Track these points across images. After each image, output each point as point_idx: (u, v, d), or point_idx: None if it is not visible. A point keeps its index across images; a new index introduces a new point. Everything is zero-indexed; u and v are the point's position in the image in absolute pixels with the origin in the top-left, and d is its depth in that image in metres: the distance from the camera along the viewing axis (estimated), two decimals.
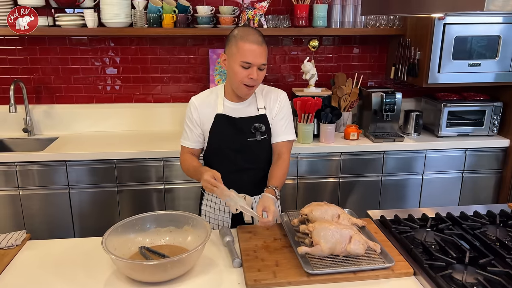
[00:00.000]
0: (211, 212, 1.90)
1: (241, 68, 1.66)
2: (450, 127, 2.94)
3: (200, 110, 1.80)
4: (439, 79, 2.79)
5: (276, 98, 1.84)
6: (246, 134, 1.79)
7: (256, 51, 1.64)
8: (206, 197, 1.92)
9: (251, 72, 1.66)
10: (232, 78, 1.71)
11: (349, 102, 3.02)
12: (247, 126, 1.79)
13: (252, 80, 1.68)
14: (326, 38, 3.16)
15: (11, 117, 2.94)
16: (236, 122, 1.78)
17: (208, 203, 1.91)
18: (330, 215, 1.53)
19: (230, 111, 1.79)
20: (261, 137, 1.79)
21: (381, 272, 1.34)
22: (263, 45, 1.67)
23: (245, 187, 1.71)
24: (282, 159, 1.80)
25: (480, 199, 2.99)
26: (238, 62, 1.66)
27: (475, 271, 1.31)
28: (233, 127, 1.78)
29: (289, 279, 1.31)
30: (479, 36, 2.74)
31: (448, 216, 1.71)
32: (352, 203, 2.86)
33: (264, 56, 1.67)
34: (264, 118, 1.81)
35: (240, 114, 1.80)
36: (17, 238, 1.52)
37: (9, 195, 2.58)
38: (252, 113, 1.81)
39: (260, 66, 1.67)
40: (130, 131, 3.08)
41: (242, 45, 1.64)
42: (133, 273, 1.30)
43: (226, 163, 1.80)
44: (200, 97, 1.84)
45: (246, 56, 1.64)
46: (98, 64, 3.02)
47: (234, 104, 1.81)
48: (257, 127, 1.79)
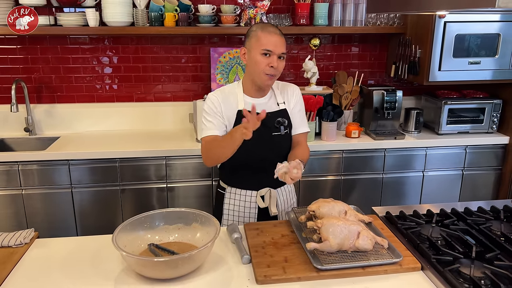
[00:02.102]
0: (235, 210, 1.89)
1: (262, 57, 1.71)
2: (450, 125, 2.97)
3: (223, 104, 1.80)
4: (440, 77, 2.81)
5: (293, 92, 1.91)
6: (271, 128, 1.82)
7: (277, 40, 1.71)
8: (229, 196, 1.90)
9: (272, 61, 1.71)
10: (253, 68, 1.75)
11: (350, 100, 3.03)
12: (271, 121, 1.81)
13: (272, 69, 1.72)
14: (327, 37, 3.17)
15: (12, 117, 2.93)
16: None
17: (231, 201, 1.90)
18: (337, 212, 1.54)
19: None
20: (285, 131, 1.84)
21: (390, 267, 1.35)
22: (282, 36, 1.74)
23: (269, 181, 1.75)
24: (302, 145, 1.88)
25: (480, 196, 3.02)
26: (259, 51, 1.71)
27: (482, 265, 1.32)
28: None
29: (298, 275, 1.32)
30: (479, 34, 2.76)
31: (453, 212, 1.73)
32: (353, 200, 2.87)
33: (283, 46, 1.74)
34: (285, 113, 1.86)
35: (261, 109, 1.79)
36: (26, 236, 1.52)
37: (12, 194, 2.58)
38: (274, 108, 1.84)
39: (280, 54, 1.73)
40: (132, 130, 3.08)
41: (262, 35, 1.72)
42: (144, 269, 1.30)
43: (251, 158, 1.82)
44: (220, 92, 1.83)
45: (267, 44, 1.70)
46: (99, 63, 3.02)
47: (254, 100, 1.82)
48: (280, 121, 1.83)
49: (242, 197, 1.88)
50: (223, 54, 3.01)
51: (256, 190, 1.87)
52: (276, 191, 1.88)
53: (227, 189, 1.91)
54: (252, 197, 1.87)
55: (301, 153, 1.80)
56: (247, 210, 1.88)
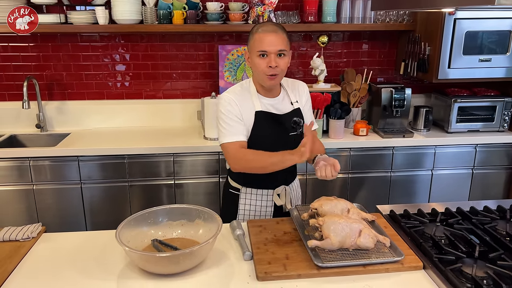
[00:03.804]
0: (251, 210, 1.89)
1: (260, 58, 1.67)
2: (460, 123, 2.93)
3: (240, 105, 1.74)
4: (449, 75, 2.78)
5: (303, 90, 1.90)
6: (288, 129, 1.81)
7: (271, 39, 1.65)
8: (244, 196, 1.88)
9: (269, 61, 1.66)
10: (255, 71, 1.73)
11: (359, 98, 3.02)
12: (288, 121, 1.80)
13: (271, 69, 1.66)
14: (336, 34, 3.16)
15: (24, 113, 2.99)
16: (278, 118, 1.79)
17: (247, 201, 1.88)
18: (340, 209, 1.54)
19: (268, 107, 1.79)
20: (300, 130, 1.81)
21: (391, 265, 1.35)
22: (278, 32, 1.67)
23: (284, 178, 1.82)
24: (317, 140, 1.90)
25: (490, 195, 2.98)
26: (256, 53, 1.68)
27: (485, 265, 1.31)
28: (275, 124, 1.79)
29: (299, 272, 1.32)
30: (490, 31, 2.72)
31: (458, 211, 1.71)
32: (361, 199, 2.86)
33: (281, 43, 1.66)
34: (299, 112, 1.85)
35: (279, 109, 1.80)
36: (33, 230, 1.55)
37: (23, 189, 2.63)
38: (288, 108, 1.83)
39: (278, 52, 1.66)
40: (141, 127, 3.11)
41: (257, 36, 1.67)
42: (146, 264, 1.32)
43: None
44: (235, 93, 1.77)
45: (261, 45, 1.66)
46: (109, 61, 3.05)
47: (269, 100, 1.80)
48: (296, 121, 1.79)
49: (258, 197, 1.87)
50: (231, 52, 3.02)
51: (272, 189, 1.86)
52: (289, 187, 1.90)
53: (242, 190, 1.88)
54: (269, 196, 1.87)
55: (320, 148, 1.87)
56: (263, 209, 1.88)
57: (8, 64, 2.98)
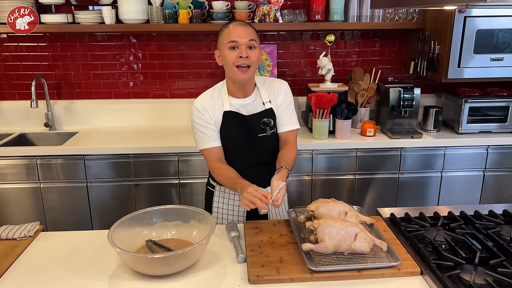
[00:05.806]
0: (224, 208, 1.90)
1: (230, 51, 1.67)
2: (471, 124, 2.85)
3: (210, 110, 1.77)
4: (460, 74, 2.71)
5: (280, 88, 1.84)
6: (257, 130, 1.79)
7: (240, 30, 1.66)
8: (218, 194, 1.90)
9: (240, 51, 1.66)
10: (226, 65, 1.72)
11: (366, 97, 2.97)
12: (257, 122, 1.78)
13: (242, 59, 1.66)
14: (343, 33, 3.11)
15: (33, 112, 3.03)
16: (245, 119, 1.78)
17: (220, 199, 1.90)
18: (337, 212, 1.51)
19: (237, 107, 1.78)
20: (271, 132, 1.80)
21: (387, 270, 1.32)
22: (247, 26, 1.70)
23: (258, 181, 1.71)
24: (290, 144, 1.82)
25: (502, 198, 2.89)
26: (226, 45, 1.67)
27: (485, 272, 1.27)
28: (242, 124, 1.78)
29: (292, 276, 1.30)
30: (502, 29, 2.64)
31: (461, 215, 1.66)
32: (368, 200, 2.81)
33: (250, 34, 1.67)
34: (271, 112, 1.81)
35: (247, 110, 1.79)
36: (30, 229, 1.56)
37: (31, 187, 2.66)
38: (259, 109, 1.80)
39: (249, 44, 1.67)
40: (147, 126, 3.12)
41: (226, 30, 1.70)
42: (137, 266, 1.32)
43: (238, 160, 1.81)
44: (204, 99, 1.80)
45: (230, 36, 1.66)
46: (117, 60, 3.07)
47: (239, 100, 1.79)
48: (266, 122, 1.78)
49: (231, 196, 1.87)
50: None
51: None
52: (265, 189, 1.82)
53: (217, 187, 1.90)
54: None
55: (285, 158, 1.74)
56: (236, 209, 1.87)
57: (18, 63, 3.03)
